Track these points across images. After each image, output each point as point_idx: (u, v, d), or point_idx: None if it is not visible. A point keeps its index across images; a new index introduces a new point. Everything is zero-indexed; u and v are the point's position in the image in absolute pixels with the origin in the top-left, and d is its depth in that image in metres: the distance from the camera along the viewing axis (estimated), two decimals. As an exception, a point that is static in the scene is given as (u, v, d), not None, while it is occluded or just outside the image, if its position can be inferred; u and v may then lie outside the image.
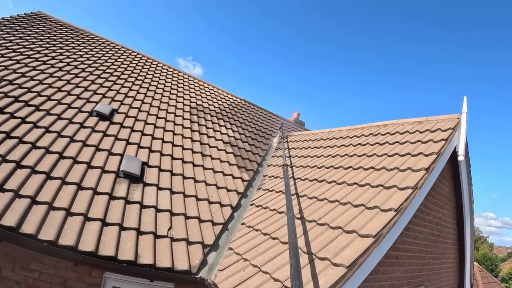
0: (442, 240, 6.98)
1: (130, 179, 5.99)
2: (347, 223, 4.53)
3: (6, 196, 4.38)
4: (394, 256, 5.22)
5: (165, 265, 4.62)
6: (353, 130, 8.85)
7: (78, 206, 4.84)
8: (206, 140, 8.94)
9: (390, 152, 6.24)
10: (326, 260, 3.96)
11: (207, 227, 5.84)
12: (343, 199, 5.30)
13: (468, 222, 7.69)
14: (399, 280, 5.51)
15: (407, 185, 4.80)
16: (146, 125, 8.13)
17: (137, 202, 5.54)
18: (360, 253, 3.84)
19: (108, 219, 4.92)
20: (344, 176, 6.20)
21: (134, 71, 11.34)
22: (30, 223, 4.20)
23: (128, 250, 4.54)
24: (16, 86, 6.92)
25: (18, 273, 4.51)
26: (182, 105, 10.49)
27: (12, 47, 8.58)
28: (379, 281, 4.94)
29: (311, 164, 7.76)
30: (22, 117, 6.05)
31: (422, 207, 5.75)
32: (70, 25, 12.73)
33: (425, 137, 6.10)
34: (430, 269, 6.72)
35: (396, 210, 4.37)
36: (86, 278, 4.67)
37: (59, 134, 6.16)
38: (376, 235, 4.04)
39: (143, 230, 5.05)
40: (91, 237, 4.45)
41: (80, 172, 5.52)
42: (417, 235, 5.82)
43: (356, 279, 3.90)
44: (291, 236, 3.36)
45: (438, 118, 6.73)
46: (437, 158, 5.32)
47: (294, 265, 2.86)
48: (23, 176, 4.83)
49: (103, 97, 8.36)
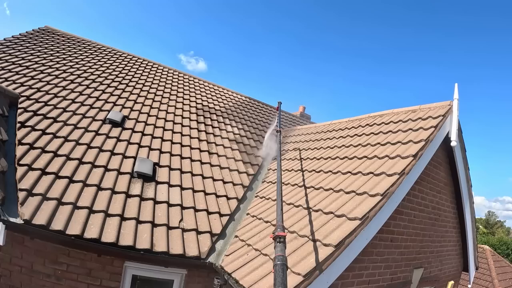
0: (441, 223, 7.10)
1: (144, 178, 6.49)
2: (338, 208, 4.92)
3: (36, 199, 4.91)
4: (389, 239, 5.50)
5: (178, 252, 5.15)
6: (352, 121, 8.99)
7: (99, 204, 5.37)
8: (213, 139, 9.34)
9: (383, 141, 6.47)
10: (317, 241, 4.41)
11: (215, 218, 6.32)
12: (337, 187, 5.65)
13: (468, 205, 7.71)
14: (396, 262, 5.79)
15: (394, 172, 5.08)
16: (156, 128, 8.57)
17: (150, 198, 6.05)
18: (347, 234, 4.25)
19: (126, 214, 5.45)
20: (340, 166, 6.50)
21: (141, 78, 11.74)
22: (58, 221, 4.74)
23: (144, 240, 5.08)
24: (33, 101, 7.38)
25: (48, 266, 5.05)
26: (188, 107, 10.87)
27: (25, 64, 9.02)
28: (374, 262, 5.27)
29: (311, 156, 8.05)
30: (42, 129, 6.53)
31: (416, 192, 5.97)
32: (77, 37, 13.14)
33: (416, 125, 6.29)
34: (430, 251, 6.88)
35: (382, 195, 4.71)
36: (109, 268, 5.21)
37: (77, 142, 6.66)
38: (362, 217, 4.42)
39: (157, 223, 5.58)
40: (112, 230, 4.98)
41: (99, 175, 6.04)
42: (412, 219, 6.02)
43: (345, 257, 4.33)
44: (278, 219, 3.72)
45: (431, 106, 6.84)
46: (425, 145, 5.52)
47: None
48: (49, 182, 5.35)
49: (114, 105, 8.79)
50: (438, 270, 7.46)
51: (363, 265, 5.05)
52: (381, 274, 5.52)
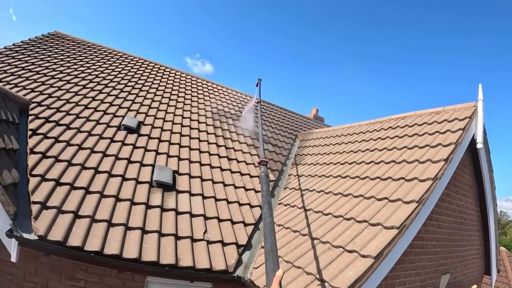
0: (466, 227, 7.01)
1: (163, 187, 6.24)
2: (372, 216, 4.71)
3: (50, 212, 4.63)
4: (419, 246, 5.34)
5: (204, 266, 4.86)
6: (373, 124, 8.84)
7: (118, 217, 5.10)
8: (231, 144, 9.13)
9: (410, 144, 6.29)
10: (354, 252, 4.16)
11: (240, 228, 6.05)
12: (367, 193, 5.43)
13: (491, 208, 7.65)
14: (425, 269, 5.65)
15: (427, 177, 4.91)
16: (172, 134, 8.37)
17: (172, 209, 5.78)
18: (386, 244, 4.03)
19: (147, 227, 5.17)
20: (367, 171, 6.31)
21: (154, 82, 11.60)
22: (75, 236, 4.45)
23: (168, 255, 4.80)
24: (45, 107, 7.17)
25: (64, 283, 4.80)
26: (203, 111, 10.68)
27: (35, 69, 8.87)
28: (405, 270, 5.11)
29: (334, 161, 7.85)
30: (55, 137, 6.30)
31: (444, 196, 5.78)
32: (87, 42, 13.05)
33: (443, 128, 6.13)
34: (456, 256, 6.78)
35: (418, 202, 4.52)
36: (130, 284, 4.97)
37: (92, 150, 6.43)
38: (400, 226, 4.22)
39: (181, 235, 5.30)
40: (133, 245, 4.70)
41: (116, 184, 5.78)
42: (441, 224, 5.90)
43: (383, 268, 4.10)
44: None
45: (455, 107, 6.68)
46: (455, 148, 5.40)
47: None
48: (64, 193, 5.09)
49: (128, 111, 8.61)
50: (462, 274, 7.47)
51: (395, 273, 4.87)
52: (411, 282, 5.38)
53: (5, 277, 4.81)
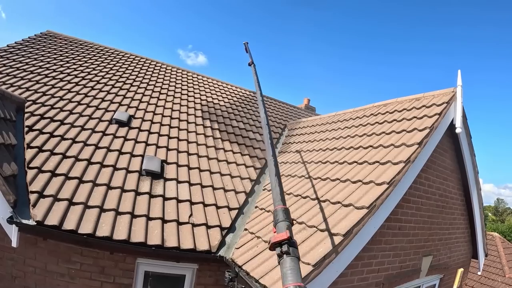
0: (448, 210, 7.14)
1: (152, 176, 6.57)
2: (345, 198, 5.00)
3: (47, 201, 5.00)
4: (397, 227, 5.56)
5: (188, 247, 5.22)
6: (356, 111, 9.01)
7: (110, 203, 5.46)
8: (218, 134, 9.41)
9: (388, 130, 6.50)
10: (325, 231, 4.49)
11: (224, 212, 6.40)
12: (343, 177, 5.72)
13: (475, 192, 7.79)
14: (404, 250, 5.87)
15: (399, 160, 5.15)
16: (162, 126, 8.65)
17: (160, 195, 6.13)
18: (355, 223, 4.33)
19: (136, 211, 5.53)
20: (346, 156, 6.55)
21: (145, 77, 11.82)
22: (70, 221, 4.81)
23: (155, 236, 5.16)
24: (39, 104, 7.45)
25: (61, 266, 5.15)
26: (193, 103, 10.94)
27: (29, 69, 9.09)
28: (383, 250, 5.34)
29: (317, 147, 8.10)
30: (50, 132, 6.62)
31: (423, 180, 6.03)
32: (79, 40, 13.22)
33: (420, 113, 6.31)
34: (438, 239, 6.93)
35: (388, 183, 4.78)
36: (121, 265, 5.31)
37: (85, 143, 6.74)
38: (369, 206, 4.51)
39: (167, 219, 5.66)
40: (123, 228, 5.06)
41: (108, 174, 6.13)
42: (419, 207, 6.07)
43: (353, 246, 4.42)
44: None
45: (435, 93, 6.81)
46: (430, 132, 5.57)
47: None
48: (59, 183, 5.44)
49: (119, 105, 8.87)
50: (447, 257, 7.51)
51: (372, 253, 5.11)
52: (390, 262, 5.57)
53: (7, 263, 5.10)
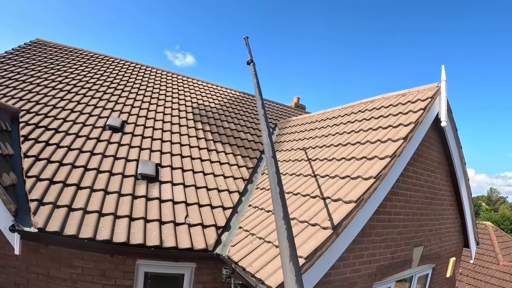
0: (437, 202, 7.32)
1: (148, 179, 6.72)
2: (334, 193, 5.18)
3: (47, 208, 5.13)
4: (386, 219, 5.75)
5: (186, 246, 5.39)
6: (344, 109, 9.14)
7: (108, 208, 5.61)
8: (210, 136, 9.55)
9: (375, 126, 6.67)
10: (316, 225, 4.68)
11: (219, 212, 6.58)
12: (332, 173, 5.91)
13: (463, 183, 7.93)
14: (395, 241, 6.05)
15: (385, 155, 5.35)
16: (155, 130, 8.79)
17: (156, 198, 6.29)
18: (343, 216, 4.53)
19: (134, 215, 5.68)
20: (334, 153, 6.72)
21: (136, 82, 11.94)
22: (70, 226, 4.96)
23: (154, 238, 5.32)
24: (33, 114, 7.56)
25: (63, 271, 5.27)
26: (184, 106, 11.08)
27: (21, 78, 9.17)
28: (373, 242, 5.53)
29: (307, 145, 8.25)
30: (46, 141, 6.73)
31: (410, 173, 6.23)
32: (69, 47, 13.31)
33: (406, 109, 6.45)
34: (428, 229, 7.10)
35: (375, 177, 4.97)
36: (122, 267, 5.45)
37: (81, 150, 6.87)
38: (357, 200, 4.69)
39: (164, 220, 5.82)
40: (122, 231, 5.22)
41: (104, 179, 6.27)
42: (408, 199, 6.26)
43: (343, 239, 4.62)
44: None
45: (420, 88, 6.98)
46: (415, 127, 5.76)
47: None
48: (57, 190, 5.57)
49: (112, 111, 8.99)
50: (438, 247, 7.66)
51: (363, 246, 5.30)
52: (381, 253, 5.75)
53: (10, 270, 5.21)
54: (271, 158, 3.42)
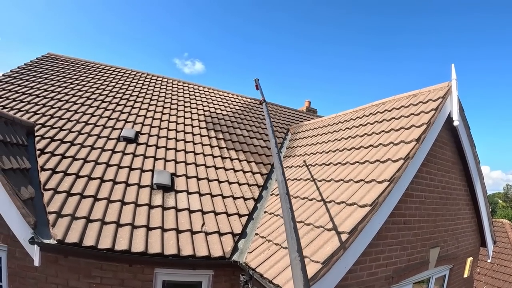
0: (452, 202, 7.23)
1: (163, 189, 6.79)
2: (349, 197, 5.20)
3: (65, 220, 5.22)
4: (402, 222, 5.72)
5: (203, 254, 5.45)
6: (356, 112, 9.14)
7: (125, 218, 5.69)
8: (223, 143, 9.60)
9: (387, 128, 6.65)
10: (332, 230, 4.70)
11: (235, 219, 6.62)
12: (346, 177, 5.90)
13: (478, 181, 7.83)
14: (411, 243, 6.01)
15: (399, 157, 5.33)
16: (168, 140, 8.87)
17: (172, 207, 6.35)
18: (359, 220, 4.55)
19: (151, 224, 5.75)
20: (348, 157, 6.72)
21: (148, 92, 12.07)
22: (89, 237, 5.04)
23: (171, 247, 5.37)
24: (48, 127, 7.69)
25: (82, 281, 5.35)
26: (196, 115, 11.15)
27: (35, 92, 9.34)
28: (389, 245, 5.51)
29: (320, 150, 8.24)
30: (62, 154, 6.84)
31: (424, 174, 6.17)
32: (80, 60, 13.50)
33: (417, 110, 6.40)
34: (444, 230, 7.02)
35: (389, 180, 4.98)
36: (140, 276, 5.51)
37: (96, 162, 6.97)
38: (372, 204, 4.71)
39: (181, 229, 5.88)
40: (140, 241, 5.29)
41: (121, 190, 6.35)
42: (423, 200, 6.20)
43: (359, 243, 4.63)
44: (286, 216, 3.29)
45: (430, 88, 6.93)
46: (427, 128, 5.71)
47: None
48: (75, 202, 5.67)
49: (125, 122, 9.11)
50: (455, 248, 7.58)
51: (379, 249, 5.30)
52: (398, 256, 5.72)
53: (30, 282, 5.30)
54: (285, 195, 3.50)
